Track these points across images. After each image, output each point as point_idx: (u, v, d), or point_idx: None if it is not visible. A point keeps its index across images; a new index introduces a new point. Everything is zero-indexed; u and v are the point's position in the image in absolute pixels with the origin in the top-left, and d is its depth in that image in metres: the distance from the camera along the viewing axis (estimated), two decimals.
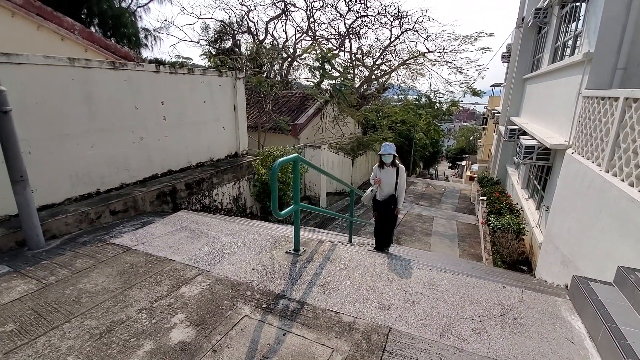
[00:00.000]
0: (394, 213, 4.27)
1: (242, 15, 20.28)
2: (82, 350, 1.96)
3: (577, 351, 2.06)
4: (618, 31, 4.88)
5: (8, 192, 3.39)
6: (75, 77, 3.93)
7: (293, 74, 20.58)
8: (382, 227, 4.36)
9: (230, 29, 20.70)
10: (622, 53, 4.92)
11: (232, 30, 20.72)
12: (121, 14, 13.08)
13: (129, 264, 2.97)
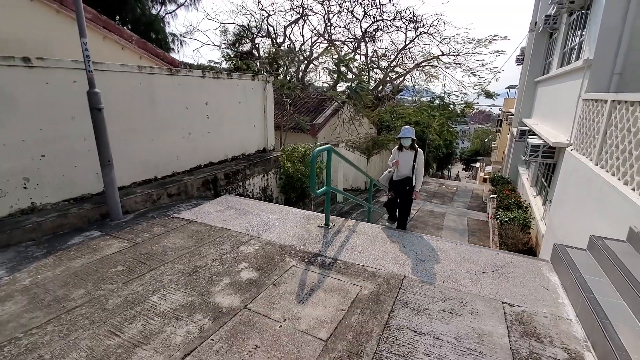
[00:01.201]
0: (410, 195, 4.41)
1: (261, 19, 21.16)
2: (179, 282, 2.71)
3: (550, 295, 2.68)
4: (615, 39, 5.40)
5: (91, 176, 4.23)
6: (142, 81, 4.74)
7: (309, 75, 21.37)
8: (397, 205, 4.55)
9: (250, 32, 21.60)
10: (619, 60, 5.43)
11: (252, 34, 21.63)
12: (154, 21, 14.11)
13: (194, 231, 3.73)
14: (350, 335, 2.15)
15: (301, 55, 20.17)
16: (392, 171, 4.42)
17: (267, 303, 2.46)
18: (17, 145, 3.57)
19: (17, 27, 4.87)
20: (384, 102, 19.14)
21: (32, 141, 3.68)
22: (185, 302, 2.44)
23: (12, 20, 4.83)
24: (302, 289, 2.64)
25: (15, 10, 4.89)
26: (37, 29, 5.08)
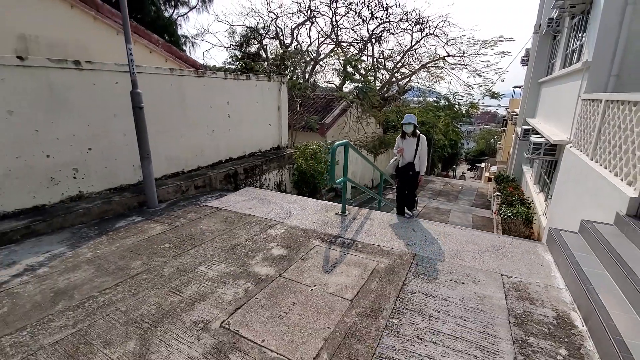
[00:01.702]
0: (415, 179, 4.48)
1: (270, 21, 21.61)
2: (220, 256, 3.13)
3: (544, 269, 3.05)
4: (612, 43, 5.73)
5: (129, 168, 4.68)
6: (173, 83, 5.18)
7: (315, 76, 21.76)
8: (403, 191, 4.60)
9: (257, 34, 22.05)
10: (616, 62, 5.76)
11: (260, 35, 22.09)
12: (169, 24, 14.62)
13: (225, 217, 4.16)
14: (372, 296, 2.55)
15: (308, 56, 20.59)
16: (398, 159, 4.50)
17: (298, 273, 2.87)
18: (68, 139, 4.02)
19: (60, 32, 5.34)
20: (390, 103, 19.49)
21: (81, 136, 4.13)
22: (228, 271, 2.86)
23: (56, 26, 5.30)
24: (326, 263, 3.05)
25: (59, 17, 5.36)
26: (78, 33, 5.55)
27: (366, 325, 2.22)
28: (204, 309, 2.35)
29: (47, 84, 3.74)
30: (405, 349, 2.02)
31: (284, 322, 2.23)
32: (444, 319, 2.31)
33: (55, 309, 2.31)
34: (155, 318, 2.24)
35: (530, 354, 2.02)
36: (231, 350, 1.97)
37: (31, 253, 3.13)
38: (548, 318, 2.37)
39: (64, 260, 3.00)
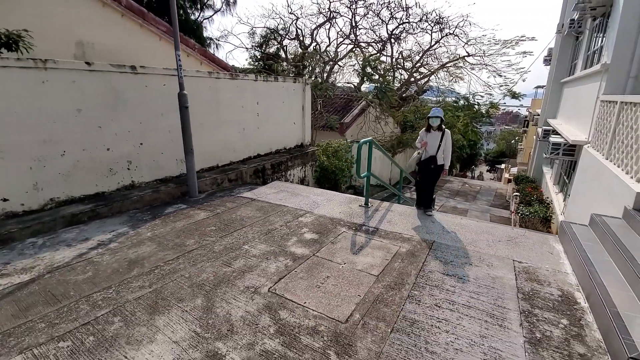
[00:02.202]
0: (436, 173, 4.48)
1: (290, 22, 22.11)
2: (260, 238, 3.57)
3: (553, 257, 3.34)
4: (631, 46, 5.85)
5: (172, 162, 5.19)
6: (211, 84, 5.68)
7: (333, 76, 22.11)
8: (423, 184, 4.59)
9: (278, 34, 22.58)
10: (634, 64, 5.87)
11: (280, 36, 22.62)
12: (197, 27, 15.33)
13: (259, 206, 4.61)
14: (395, 273, 2.92)
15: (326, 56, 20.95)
16: (421, 152, 4.48)
17: (329, 253, 3.27)
18: (125, 134, 4.56)
19: (112, 39, 5.95)
20: (409, 102, 19.62)
21: (135, 132, 4.67)
22: (269, 250, 3.29)
23: (109, 34, 5.91)
24: (353, 246, 3.44)
25: (112, 25, 5.97)
26: (127, 40, 6.15)
27: (391, 295, 2.60)
28: (252, 278, 2.78)
29: (109, 85, 4.29)
30: (425, 313, 2.39)
31: (321, 290, 2.64)
32: (459, 292, 2.66)
33: (132, 274, 2.80)
34: (214, 283, 2.69)
35: (535, 322, 2.34)
36: (280, 308, 2.39)
37: (99, 231, 3.66)
38: (553, 296, 2.68)
39: (129, 237, 3.51)
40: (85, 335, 2.08)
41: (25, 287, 2.59)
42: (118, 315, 2.27)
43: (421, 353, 2.01)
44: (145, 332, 2.13)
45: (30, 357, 1.91)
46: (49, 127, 3.81)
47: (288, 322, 2.26)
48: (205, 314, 2.31)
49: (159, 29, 6.60)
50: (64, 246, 3.29)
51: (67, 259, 3.04)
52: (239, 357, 1.94)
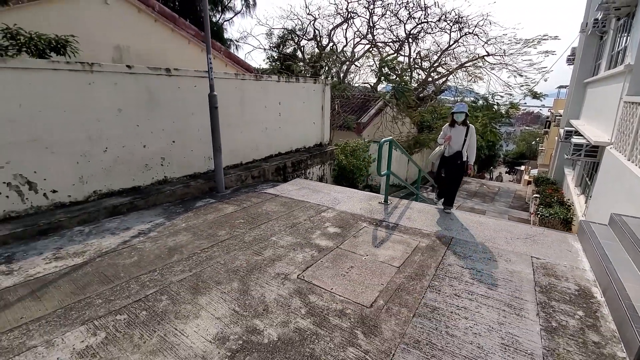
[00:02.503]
0: (462, 169, 4.45)
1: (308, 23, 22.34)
2: (286, 230, 3.79)
3: (572, 255, 3.42)
4: None
5: (201, 159, 5.48)
6: (236, 85, 5.96)
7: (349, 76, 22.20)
8: (447, 180, 4.53)
9: (295, 35, 22.85)
10: None
11: (297, 36, 22.88)
12: (218, 29, 15.77)
13: (283, 202, 4.84)
14: (415, 265, 3.08)
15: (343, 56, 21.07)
16: (444, 147, 4.45)
17: (352, 246, 3.46)
18: (159, 133, 4.88)
19: (146, 43, 6.32)
20: (426, 102, 19.53)
21: (168, 130, 4.98)
22: (295, 242, 3.51)
23: (143, 38, 6.28)
24: (375, 240, 3.61)
25: (146, 30, 6.34)
26: (159, 43, 6.52)
27: (412, 284, 2.76)
28: (282, 266, 3.00)
29: (146, 87, 4.61)
30: (445, 301, 2.55)
31: (346, 278, 2.83)
32: (478, 284, 2.80)
33: (173, 260, 3.07)
34: (247, 269, 2.93)
35: (551, 312, 2.46)
36: (309, 293, 2.60)
37: (139, 222, 3.96)
38: (570, 290, 2.78)
39: (166, 227, 3.80)
40: (138, 310, 2.35)
41: (80, 269, 2.89)
42: (165, 294, 2.53)
43: (442, 335, 2.18)
44: (190, 309, 2.37)
45: (92, 327, 2.18)
46: (94, 125, 4.15)
47: (317, 305, 2.46)
48: (242, 295, 2.54)
49: (188, 33, 6.95)
50: (108, 234, 3.60)
51: (113, 245, 3.34)
52: (275, 332, 2.15)
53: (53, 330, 2.14)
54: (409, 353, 2.02)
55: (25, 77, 3.54)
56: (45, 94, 3.69)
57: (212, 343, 2.05)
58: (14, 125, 3.54)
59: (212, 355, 1.95)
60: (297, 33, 22.74)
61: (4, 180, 3.55)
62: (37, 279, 2.71)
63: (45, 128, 3.75)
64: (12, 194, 3.64)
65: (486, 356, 2.01)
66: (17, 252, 3.18)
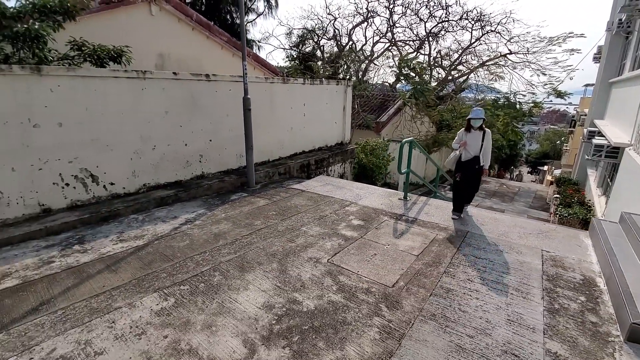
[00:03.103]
0: (480, 173, 4.45)
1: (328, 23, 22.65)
2: (314, 222, 4.20)
3: (581, 249, 3.67)
4: None
5: (233, 156, 5.96)
6: (266, 88, 6.41)
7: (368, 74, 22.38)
8: (466, 185, 4.51)
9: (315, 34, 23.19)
10: None
11: (317, 36, 23.23)
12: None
13: (309, 196, 5.25)
14: (433, 254, 3.43)
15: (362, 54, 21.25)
16: (460, 153, 4.44)
17: (374, 236, 3.83)
18: (198, 132, 5.39)
19: (184, 50, 6.88)
20: (446, 101, 19.50)
21: (206, 130, 5.48)
22: (323, 232, 3.91)
23: (182, 46, 6.84)
24: (395, 232, 3.97)
25: (184, 38, 6.90)
26: (195, 50, 7.06)
27: (429, 270, 3.12)
28: (313, 252, 3.41)
29: (189, 91, 5.11)
30: (459, 284, 2.89)
31: (370, 263, 3.21)
32: (490, 272, 3.12)
33: (219, 244, 3.54)
34: (283, 254, 3.35)
35: (555, 297, 2.76)
36: (339, 274, 2.99)
37: (183, 212, 4.47)
38: (575, 279, 3.06)
39: (208, 217, 4.29)
40: (197, 283, 2.81)
41: (142, 249, 3.40)
42: (217, 271, 2.99)
43: (455, 311, 2.53)
44: (239, 283, 2.82)
45: (163, 294, 2.66)
46: (145, 126, 4.68)
47: (346, 283, 2.85)
48: (281, 274, 2.97)
49: (221, 40, 7.46)
50: (160, 222, 4.12)
51: (166, 230, 3.85)
52: (312, 303, 2.56)
53: (132, 295, 2.63)
54: (426, 323, 2.38)
55: (91, 84, 4.09)
56: (106, 99, 4.24)
57: (261, 309, 2.48)
58: (81, 127, 4.10)
59: (262, 318, 2.38)
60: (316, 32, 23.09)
61: (72, 173, 4.13)
62: (109, 257, 3.24)
63: (105, 128, 4.30)
64: (78, 185, 4.21)
65: (493, 328, 2.35)
66: (86, 234, 3.73)
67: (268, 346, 2.12)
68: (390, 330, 2.30)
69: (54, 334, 2.19)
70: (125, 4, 5.76)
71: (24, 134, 3.69)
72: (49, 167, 3.92)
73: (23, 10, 3.78)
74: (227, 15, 18.02)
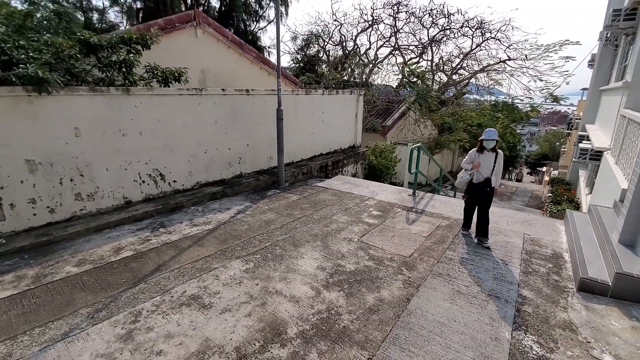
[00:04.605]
0: (492, 196, 4.26)
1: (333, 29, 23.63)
2: (341, 212, 5.18)
3: (555, 233, 4.64)
4: None
5: (265, 159, 6.94)
6: (292, 99, 7.39)
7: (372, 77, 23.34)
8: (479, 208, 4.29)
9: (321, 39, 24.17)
10: None
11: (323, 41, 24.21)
12: (254, 37, 17.37)
13: (333, 192, 6.24)
14: (438, 236, 4.41)
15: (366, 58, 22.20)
16: (472, 174, 4.25)
17: (391, 223, 4.81)
18: (239, 138, 6.37)
19: (221, 65, 7.88)
20: (447, 105, 20.47)
21: (244, 136, 6.47)
22: (350, 219, 4.90)
23: (219, 62, 7.84)
24: (408, 220, 4.95)
25: (221, 55, 7.90)
26: (230, 65, 8.06)
27: (436, 246, 4.10)
28: (345, 234, 4.39)
29: (232, 104, 6.10)
30: (458, 256, 3.87)
31: (391, 242, 4.19)
32: (481, 248, 4.10)
33: (270, 228, 4.52)
34: (322, 235, 4.34)
35: (530, 264, 3.74)
36: (368, 249, 3.98)
37: (233, 204, 5.46)
38: (547, 253, 4.04)
39: (255, 208, 5.28)
40: (265, 253, 3.80)
41: (214, 231, 4.39)
42: (277, 246, 3.98)
43: (455, 272, 3.51)
44: (296, 254, 3.80)
45: (243, 260, 3.64)
46: (200, 133, 5.67)
47: (375, 255, 3.84)
48: (325, 249, 3.96)
49: (251, 55, 8.46)
50: (217, 212, 5.11)
51: (226, 218, 4.84)
52: (352, 267, 3.55)
53: (222, 260, 3.62)
54: (435, 279, 3.37)
55: (163, 100, 5.08)
56: (173, 112, 5.23)
57: (317, 269, 3.47)
58: (155, 135, 5.09)
59: (319, 275, 3.37)
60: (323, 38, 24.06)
61: (147, 172, 5.12)
62: (192, 236, 4.23)
63: (171, 136, 5.29)
64: (151, 182, 5.21)
65: (482, 282, 3.33)
66: (164, 221, 4.72)
67: (328, 290, 3.11)
68: (410, 282, 3.29)
69: (180, 282, 3.18)
70: (177, 29, 6.76)
71: (116, 141, 4.68)
72: (132, 167, 4.91)
73: (112, 42, 4.77)
74: (241, 23, 19.05)
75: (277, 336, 2.51)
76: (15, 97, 3.78)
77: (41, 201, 4.15)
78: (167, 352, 2.32)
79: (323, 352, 2.37)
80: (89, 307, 2.80)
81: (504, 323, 2.74)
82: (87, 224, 4.36)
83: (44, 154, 4.08)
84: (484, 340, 2.54)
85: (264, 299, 2.95)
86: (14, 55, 3.93)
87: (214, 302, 2.89)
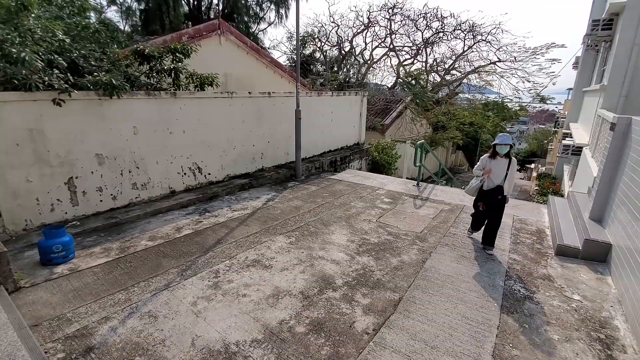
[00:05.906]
0: (504, 203, 4.10)
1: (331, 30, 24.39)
2: (357, 200, 5.98)
3: (539, 215, 5.51)
4: (622, 72, 7.72)
5: (283, 154, 7.70)
6: (306, 100, 8.15)
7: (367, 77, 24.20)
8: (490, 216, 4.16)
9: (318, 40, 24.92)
10: (625, 86, 7.73)
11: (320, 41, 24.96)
12: (254, 38, 18.03)
13: (346, 184, 7.04)
14: (442, 217, 5.24)
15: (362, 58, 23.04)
16: (483, 180, 4.14)
17: (402, 208, 5.63)
18: (261, 136, 7.12)
19: (240, 70, 8.59)
20: (441, 104, 21.43)
21: (266, 134, 7.22)
22: (366, 205, 5.70)
23: (239, 66, 8.55)
24: (415, 206, 5.78)
25: (241, 61, 8.61)
26: (248, 70, 8.78)
27: (441, 225, 4.92)
28: (365, 216, 5.19)
29: (256, 105, 6.84)
30: (459, 232, 4.70)
31: (403, 222, 5.00)
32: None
33: (300, 212, 5.30)
34: (346, 217, 5.13)
35: (518, 237, 4.59)
36: (385, 227, 4.78)
37: (261, 194, 6.21)
38: (532, 229, 4.90)
39: (281, 197, 6.04)
40: (301, 231, 4.57)
41: (252, 215, 5.14)
42: (310, 225, 4.76)
43: (458, 242, 4.33)
44: (327, 231, 4.58)
45: (286, 236, 4.40)
46: (230, 132, 6.40)
47: (391, 231, 4.64)
48: (350, 228, 4.75)
49: (266, 60, 9.20)
50: (249, 200, 5.86)
51: (259, 205, 5.59)
52: (375, 240, 4.35)
53: (268, 236, 4.38)
54: (443, 247, 4.19)
55: (202, 102, 5.81)
56: (209, 112, 5.96)
57: (347, 242, 4.26)
58: (195, 133, 5.81)
59: (350, 245, 4.16)
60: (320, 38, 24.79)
61: (188, 166, 5.84)
62: (235, 218, 4.97)
63: (207, 134, 6.02)
64: (190, 174, 5.93)
65: (481, 250, 4.16)
66: (207, 207, 5.45)
67: (359, 255, 3.91)
68: (423, 250, 4.10)
69: (240, 251, 3.94)
70: (204, 37, 7.45)
71: (164, 139, 5.39)
72: (176, 161, 5.63)
73: (162, 52, 5.47)
74: (242, 25, 19.66)
75: (328, 285, 3.30)
76: (89, 100, 4.47)
77: (106, 189, 4.85)
78: (249, 295, 3.09)
79: (365, 294, 3.16)
80: (175, 268, 3.54)
81: (498, 275, 3.57)
82: (143, 209, 5.07)
83: (110, 149, 4.78)
84: (483, 286, 3.36)
85: (311, 262, 3.73)
86: (80, 64, 4.63)
87: (272, 264, 3.66)
